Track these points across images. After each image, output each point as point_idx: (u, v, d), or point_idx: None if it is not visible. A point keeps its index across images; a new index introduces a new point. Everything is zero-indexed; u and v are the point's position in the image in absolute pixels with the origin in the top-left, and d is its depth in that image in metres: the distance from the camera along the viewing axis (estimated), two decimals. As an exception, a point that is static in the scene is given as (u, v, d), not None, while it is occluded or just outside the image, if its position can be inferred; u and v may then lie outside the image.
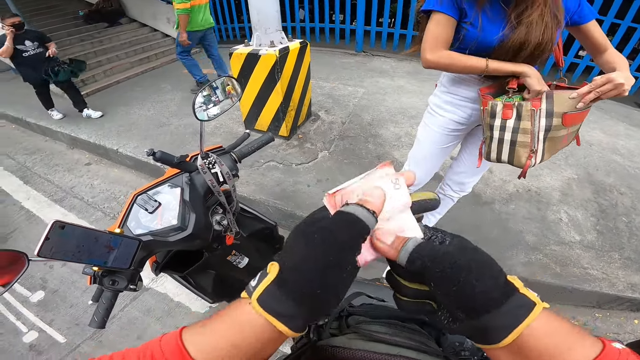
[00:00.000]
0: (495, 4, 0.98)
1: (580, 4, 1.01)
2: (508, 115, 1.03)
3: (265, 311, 0.27)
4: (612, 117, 3.58)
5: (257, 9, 2.31)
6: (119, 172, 2.81)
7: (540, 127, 0.99)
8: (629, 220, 2.12)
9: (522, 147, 1.04)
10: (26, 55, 3.10)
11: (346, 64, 4.74)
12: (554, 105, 0.96)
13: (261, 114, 2.62)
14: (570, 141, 1.09)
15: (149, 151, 0.71)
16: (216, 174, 0.82)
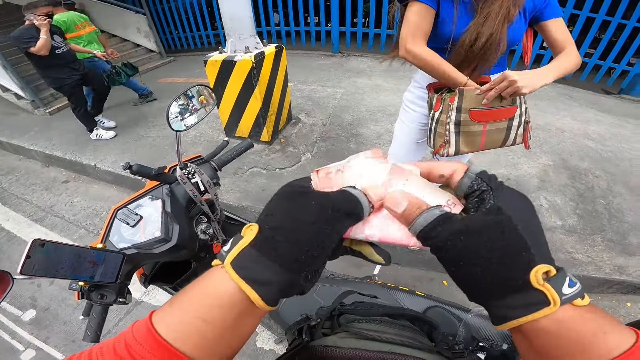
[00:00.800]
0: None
1: (548, 3, 1.02)
2: (437, 108, 1.10)
3: (239, 276, 0.25)
4: (581, 105, 3.74)
5: (230, 15, 2.28)
6: (99, 188, 2.73)
7: (451, 120, 1.05)
8: (607, 202, 2.20)
9: (439, 137, 1.12)
10: (59, 52, 2.79)
11: (324, 66, 4.76)
12: (463, 101, 1.02)
13: (241, 121, 2.59)
14: (515, 143, 1.13)
15: (125, 165, 0.70)
16: (197, 184, 0.81)
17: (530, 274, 0.24)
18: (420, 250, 1.70)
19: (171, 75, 4.97)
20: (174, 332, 0.25)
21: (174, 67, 5.51)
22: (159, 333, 0.25)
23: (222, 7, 2.30)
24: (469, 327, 0.76)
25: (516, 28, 1.01)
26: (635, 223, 2.05)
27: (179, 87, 4.20)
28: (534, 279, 0.24)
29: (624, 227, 2.02)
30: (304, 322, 0.62)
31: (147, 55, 5.85)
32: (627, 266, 1.78)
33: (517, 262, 0.25)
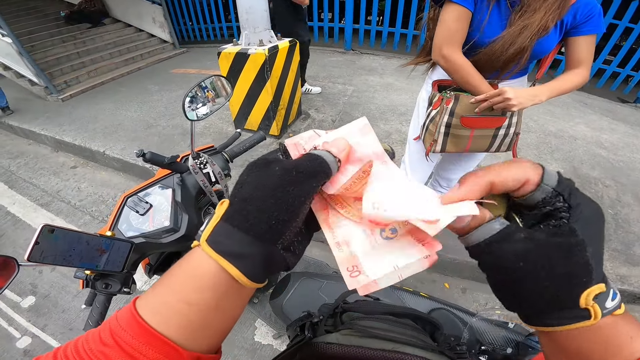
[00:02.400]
0: (504, 3, 0.96)
1: (590, 18, 0.96)
2: (436, 106, 1.12)
3: (214, 251, 0.25)
4: (596, 112, 3.67)
5: (245, 7, 2.28)
6: (107, 174, 2.75)
7: (443, 122, 1.08)
8: (615, 212, 2.17)
9: (429, 135, 1.15)
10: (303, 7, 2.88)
11: (335, 62, 4.75)
12: (457, 106, 1.04)
13: (251, 113, 2.59)
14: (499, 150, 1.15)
15: (138, 152, 0.70)
16: (208, 174, 0.80)
17: (582, 296, 0.23)
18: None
19: (184, 66, 5.00)
20: (157, 316, 0.25)
21: (187, 58, 5.52)
22: (143, 318, 0.25)
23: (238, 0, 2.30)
24: (473, 331, 0.75)
25: (548, 40, 0.98)
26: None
27: (192, 78, 4.25)
28: (584, 301, 0.23)
29: (629, 237, 2.00)
30: (307, 318, 0.62)
31: (161, 45, 5.89)
32: (629, 276, 1.77)
33: (574, 286, 0.23)
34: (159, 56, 5.56)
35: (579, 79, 1.02)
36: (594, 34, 0.98)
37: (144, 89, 4.09)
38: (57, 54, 4.72)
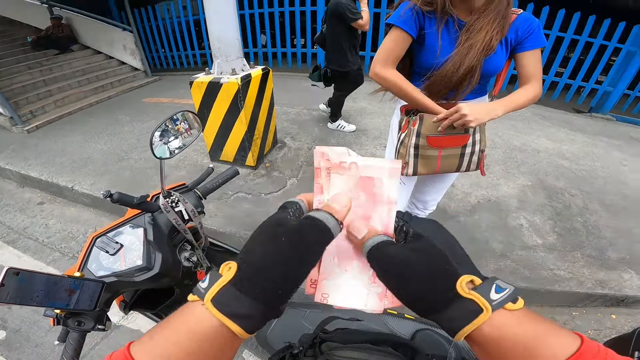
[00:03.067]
0: (451, 25, 1.03)
1: (531, 33, 1.03)
2: (404, 129, 1.16)
3: (220, 312, 0.27)
4: (554, 124, 3.92)
5: (217, 36, 2.29)
6: (76, 210, 2.63)
7: (411, 144, 1.13)
8: (584, 220, 2.29)
9: (400, 157, 1.18)
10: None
11: (309, 88, 4.75)
12: (422, 126, 1.09)
13: (226, 144, 2.57)
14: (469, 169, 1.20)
15: (105, 193, 0.69)
16: (180, 213, 0.79)
17: (457, 284, 0.28)
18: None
19: (156, 94, 4.92)
20: None
21: (159, 87, 5.47)
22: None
23: (209, 28, 2.31)
24: (459, 349, 0.76)
25: (496, 58, 1.04)
26: (612, 239, 2.14)
27: (164, 108, 4.19)
28: (460, 289, 0.27)
29: (601, 242, 2.11)
30: (287, 350, 0.63)
31: (132, 73, 5.80)
32: (608, 280, 1.85)
33: (443, 274, 0.29)
34: (130, 84, 5.46)
35: (532, 93, 1.08)
36: (538, 48, 1.05)
37: (114, 119, 3.99)
38: (23, 82, 4.55)
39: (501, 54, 1.05)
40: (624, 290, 1.80)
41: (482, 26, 0.98)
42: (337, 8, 2.56)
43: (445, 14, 1.01)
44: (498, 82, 1.20)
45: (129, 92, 5.23)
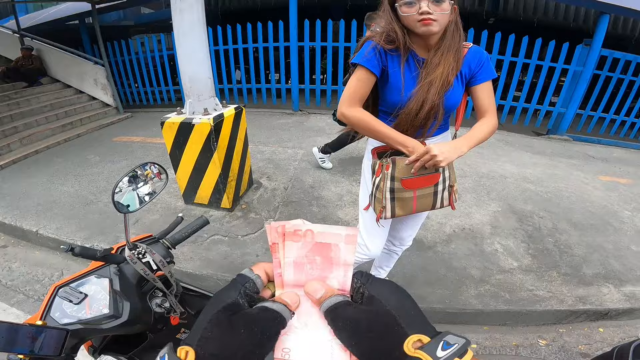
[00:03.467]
0: (412, 62, 1.08)
1: (482, 66, 1.10)
2: (378, 174, 1.18)
3: None
4: (517, 149, 4.16)
5: (189, 76, 2.27)
6: (41, 254, 2.48)
7: (387, 188, 1.15)
8: (555, 239, 2.39)
9: (377, 202, 1.19)
10: None
11: (284, 125, 4.88)
12: (395, 170, 1.12)
13: (200, 187, 2.52)
14: (443, 205, 1.23)
15: (65, 247, 0.67)
16: (148, 263, 0.77)
17: (404, 344, 0.29)
18: None
19: (127, 133, 4.80)
20: None
21: (131, 124, 5.34)
22: None
23: (181, 67, 2.29)
24: None
25: (455, 93, 1.10)
26: (585, 255, 2.25)
27: (136, 147, 4.09)
28: (407, 349, 0.29)
29: (575, 260, 2.20)
30: None
31: (103, 109, 5.65)
32: (587, 295, 1.92)
33: (391, 335, 0.30)
34: (100, 121, 5.31)
35: (490, 126, 1.14)
36: (490, 80, 1.12)
37: (83, 159, 3.84)
38: (-11, 116, 4.31)
39: (458, 88, 1.10)
40: (605, 305, 1.87)
41: (439, 62, 1.03)
42: None
43: (407, 51, 1.06)
44: (459, 117, 1.24)
45: (99, 130, 5.07)
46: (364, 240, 1.46)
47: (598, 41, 4.47)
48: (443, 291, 1.90)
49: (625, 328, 1.87)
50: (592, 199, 3.03)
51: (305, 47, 5.09)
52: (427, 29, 0.97)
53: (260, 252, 2.19)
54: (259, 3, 7.63)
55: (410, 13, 0.96)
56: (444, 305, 1.82)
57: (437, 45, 1.04)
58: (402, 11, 0.98)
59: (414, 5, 0.95)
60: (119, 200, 0.76)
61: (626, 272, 2.12)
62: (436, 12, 0.95)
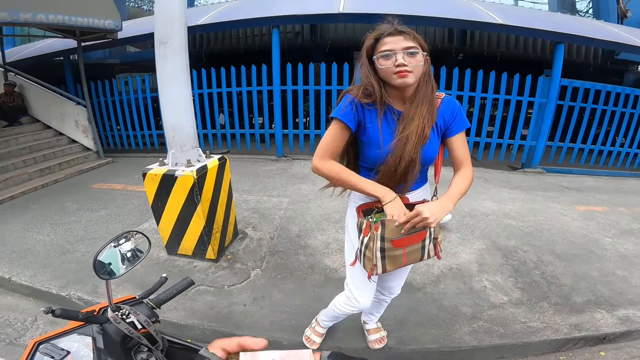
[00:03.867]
0: (390, 116, 1.10)
1: (455, 117, 1.12)
2: (366, 233, 1.18)
3: None
4: (495, 185, 4.30)
5: (171, 124, 2.24)
6: (14, 300, 2.35)
7: (377, 248, 1.14)
8: (541, 272, 2.44)
9: (367, 261, 1.19)
10: None
11: (269, 172, 4.88)
12: (385, 231, 1.12)
13: (184, 238, 2.45)
14: (430, 256, 1.25)
15: (46, 309, 0.67)
16: (132, 323, 0.76)
17: None
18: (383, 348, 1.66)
19: (107, 180, 4.66)
20: None
21: (112, 170, 5.21)
22: None
23: (164, 115, 2.26)
24: None
25: (431, 146, 1.11)
26: (572, 284, 2.29)
27: (116, 195, 4.00)
28: None
29: (564, 290, 2.24)
30: None
31: (83, 154, 5.50)
32: (581, 323, 1.93)
33: None
34: (80, 166, 5.16)
35: (468, 177, 1.16)
36: (463, 131, 1.15)
37: (60, 207, 3.70)
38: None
39: (435, 141, 1.12)
40: (601, 330, 1.89)
41: (414, 114, 1.05)
42: None
43: (383, 105, 1.09)
44: (437, 171, 1.26)
45: (78, 176, 4.93)
46: (352, 293, 1.45)
47: (557, 71, 4.76)
48: (436, 331, 1.88)
49: (626, 349, 1.89)
50: (572, 230, 3.14)
51: (288, 90, 5.24)
52: (403, 81, 1.01)
53: (248, 301, 2.11)
54: (242, 46, 7.97)
55: (387, 65, 1.00)
56: (438, 345, 1.79)
57: (412, 97, 1.07)
58: (380, 64, 1.02)
59: (390, 57, 0.99)
60: (101, 259, 0.77)
61: (616, 297, 2.17)
62: (411, 64, 0.99)
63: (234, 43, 8.23)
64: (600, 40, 5.07)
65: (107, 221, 3.30)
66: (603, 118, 5.12)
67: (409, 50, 0.98)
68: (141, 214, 3.45)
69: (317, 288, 2.24)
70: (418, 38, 1.01)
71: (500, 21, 4.83)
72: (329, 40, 7.66)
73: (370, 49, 1.05)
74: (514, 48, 7.51)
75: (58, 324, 2.02)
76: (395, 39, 0.99)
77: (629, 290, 2.24)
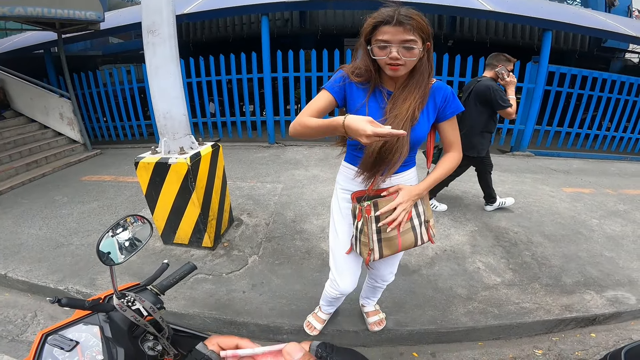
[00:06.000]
0: (379, 94, 1.09)
1: (447, 101, 1.12)
2: (359, 218, 1.20)
3: None
4: (486, 167, 4.36)
5: (163, 113, 2.21)
6: (11, 296, 2.32)
7: (372, 230, 1.16)
8: (532, 253, 2.50)
9: (364, 246, 1.21)
10: None
11: (261, 159, 4.86)
12: (378, 211, 1.15)
13: (179, 227, 2.44)
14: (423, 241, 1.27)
15: (52, 299, 0.67)
16: (138, 310, 0.77)
17: None
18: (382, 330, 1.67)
19: (97, 172, 4.58)
20: None
21: (101, 162, 5.11)
22: None
23: (154, 104, 2.23)
24: None
25: (420, 128, 1.10)
26: (562, 265, 2.35)
27: (107, 187, 3.93)
28: None
29: (554, 270, 2.30)
30: None
31: (70, 146, 5.38)
32: (572, 304, 1.99)
33: None
34: (67, 159, 5.05)
35: (452, 161, 1.20)
36: (454, 116, 1.15)
37: (50, 200, 3.62)
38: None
39: (424, 124, 1.11)
40: (591, 311, 1.95)
41: (406, 97, 1.05)
42: (486, 92, 2.49)
43: (375, 84, 1.09)
44: (429, 155, 1.28)
45: (66, 169, 4.82)
46: (334, 276, 1.48)
47: (545, 57, 4.85)
48: (433, 312, 1.92)
49: (616, 331, 1.95)
50: (560, 211, 3.22)
51: (278, 77, 5.19)
52: (393, 73, 1.01)
53: (247, 288, 2.13)
54: (231, 34, 7.80)
55: (381, 56, 0.99)
56: (435, 326, 1.84)
57: (406, 81, 1.07)
58: (374, 52, 1.00)
59: (385, 49, 0.97)
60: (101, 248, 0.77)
61: (604, 278, 2.24)
62: (405, 57, 0.96)
63: (222, 31, 8.05)
64: (588, 27, 5.15)
65: (99, 213, 3.25)
66: (589, 103, 5.23)
67: (405, 44, 0.95)
68: (134, 205, 3.41)
69: (315, 272, 2.27)
70: (421, 25, 0.96)
71: (490, 8, 4.83)
72: (320, 27, 7.55)
73: (368, 33, 1.02)
74: (503, 35, 7.54)
75: (58, 319, 2.02)
76: (394, 29, 0.94)
77: (617, 272, 2.31)
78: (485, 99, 2.54)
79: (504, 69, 2.49)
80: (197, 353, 0.39)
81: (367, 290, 1.77)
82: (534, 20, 4.95)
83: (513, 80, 2.50)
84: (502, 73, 2.48)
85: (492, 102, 2.51)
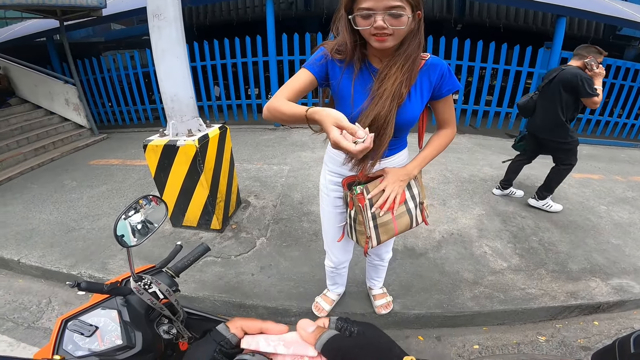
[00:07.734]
0: (366, 73, 1.01)
1: (443, 78, 1.02)
2: (351, 206, 1.18)
3: None
4: (494, 152, 4.32)
5: (170, 96, 2.21)
6: (25, 282, 2.36)
7: (368, 217, 1.12)
8: (539, 238, 2.49)
9: (360, 235, 1.20)
10: None
11: (267, 141, 4.85)
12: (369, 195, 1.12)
13: (188, 209, 2.46)
14: (418, 223, 1.25)
15: (72, 283, 0.66)
16: (155, 293, 0.78)
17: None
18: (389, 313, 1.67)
19: (105, 155, 4.61)
20: None
21: (107, 146, 5.14)
22: None
23: (162, 87, 2.23)
24: None
25: (410, 108, 1.02)
26: (569, 252, 2.34)
27: (115, 170, 3.96)
28: None
29: (560, 257, 2.29)
30: None
31: (76, 131, 5.41)
32: (577, 290, 1.99)
33: (390, 355, 0.36)
34: (74, 144, 5.08)
35: (445, 139, 1.15)
36: (450, 95, 1.07)
37: (59, 185, 3.67)
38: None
39: (416, 104, 1.02)
40: (596, 298, 1.95)
41: (392, 73, 0.94)
42: (573, 79, 2.44)
43: (360, 61, 1.00)
44: (421, 136, 1.24)
45: (74, 153, 4.86)
46: (327, 248, 1.53)
47: (558, 43, 4.75)
48: (440, 296, 1.93)
49: (619, 320, 1.95)
50: (569, 197, 3.19)
51: (284, 60, 5.13)
52: (380, 45, 0.89)
53: (256, 270, 2.16)
54: (235, 18, 7.66)
55: (365, 27, 0.87)
56: (442, 310, 1.85)
57: (392, 54, 0.96)
58: (357, 23, 0.88)
59: (369, 18, 0.85)
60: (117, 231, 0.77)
61: (610, 266, 2.23)
62: (393, 26, 0.85)
63: (226, 15, 7.90)
64: (603, 15, 5.00)
65: (108, 197, 3.29)
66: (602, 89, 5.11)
67: (391, 10, 0.82)
68: (142, 187, 3.44)
69: (322, 254, 2.25)
70: None
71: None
72: (325, 10, 7.38)
73: (348, 2, 0.89)
74: (514, 19, 7.33)
75: (72, 305, 2.07)
76: None
77: (623, 259, 2.29)
78: (571, 86, 2.49)
79: (593, 60, 2.44)
80: (216, 334, 0.39)
81: (369, 270, 1.79)
82: (547, 6, 4.81)
83: (602, 72, 2.46)
84: (592, 64, 2.44)
85: (578, 89, 2.46)
